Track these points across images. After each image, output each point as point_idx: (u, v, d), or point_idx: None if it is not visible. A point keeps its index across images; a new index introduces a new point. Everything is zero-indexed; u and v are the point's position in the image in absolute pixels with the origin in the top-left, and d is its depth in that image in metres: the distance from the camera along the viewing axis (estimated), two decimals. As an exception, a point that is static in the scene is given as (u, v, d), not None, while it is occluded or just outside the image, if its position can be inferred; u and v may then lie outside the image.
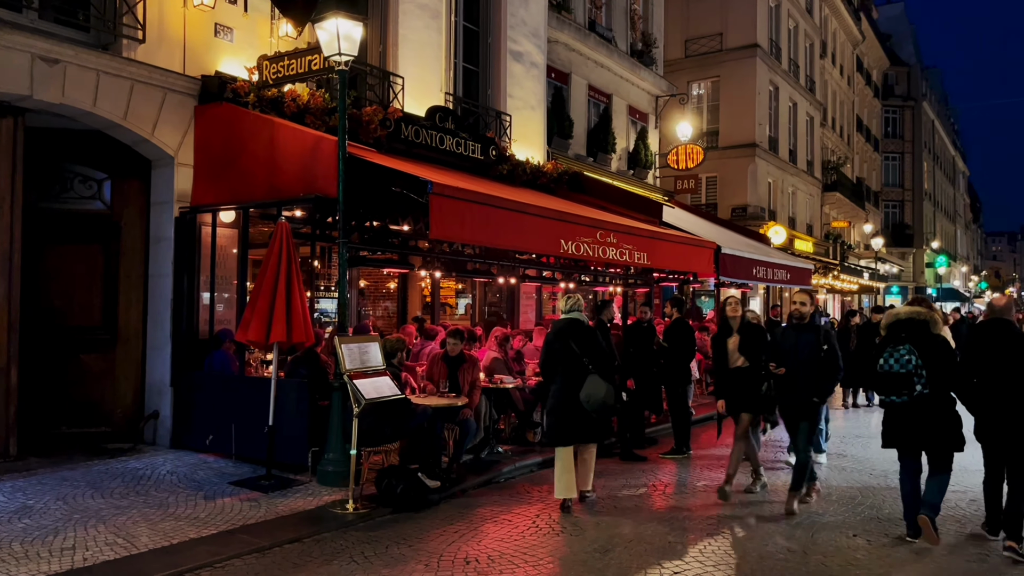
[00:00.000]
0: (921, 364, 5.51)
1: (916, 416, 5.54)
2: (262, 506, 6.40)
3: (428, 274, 11.05)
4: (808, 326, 6.58)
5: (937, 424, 5.53)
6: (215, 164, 8.33)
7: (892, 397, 5.62)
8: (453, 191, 7.13)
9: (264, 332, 6.78)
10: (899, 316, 5.84)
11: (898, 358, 5.60)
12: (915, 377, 5.50)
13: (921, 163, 50.63)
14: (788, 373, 6.52)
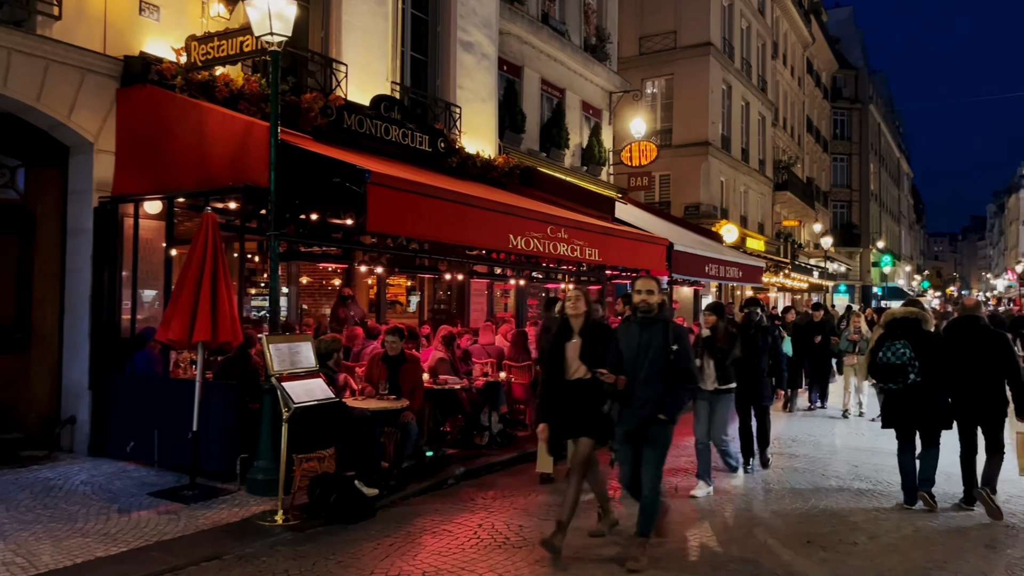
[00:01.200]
0: (914, 356, 6.36)
1: (910, 400, 6.45)
2: (181, 519, 5.92)
3: (369, 270, 10.59)
4: (654, 320, 5.17)
5: (928, 407, 6.45)
6: (139, 151, 7.78)
7: (890, 384, 6.48)
8: (393, 181, 6.73)
9: (187, 331, 6.29)
10: (895, 315, 6.75)
11: (895, 351, 6.44)
12: (909, 367, 6.36)
13: (868, 164, 51.67)
14: (629, 383, 5.07)
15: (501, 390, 9.05)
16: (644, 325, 5.19)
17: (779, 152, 34.31)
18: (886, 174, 60.66)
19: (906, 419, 6.56)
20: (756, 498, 7.09)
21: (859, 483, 7.64)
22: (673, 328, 5.25)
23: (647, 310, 5.21)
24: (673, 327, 5.26)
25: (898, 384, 6.41)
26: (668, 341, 5.13)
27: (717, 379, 7.11)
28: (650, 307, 5.21)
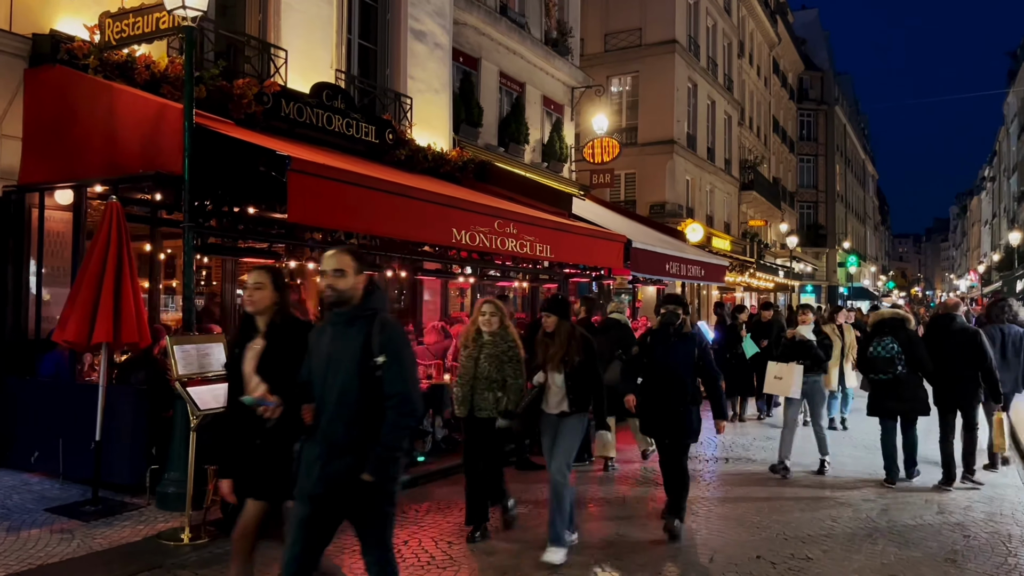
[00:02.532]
0: (900, 351, 7.32)
1: (896, 389, 7.37)
2: (75, 539, 5.36)
3: (314, 268, 10.02)
4: (353, 318, 3.37)
5: (911, 395, 7.39)
6: (48, 137, 7.17)
7: (880, 375, 7.41)
8: (318, 169, 6.21)
9: (86, 331, 5.73)
10: (883, 316, 7.78)
11: (884, 346, 7.39)
12: (896, 360, 7.31)
13: (834, 165, 52.05)
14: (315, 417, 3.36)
15: (446, 392, 8.55)
16: (338, 326, 3.36)
17: (745, 152, 34.24)
18: (852, 175, 61.20)
19: (891, 406, 7.49)
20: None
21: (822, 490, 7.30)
22: (382, 328, 3.30)
23: (336, 301, 3.33)
24: (383, 327, 3.31)
25: (887, 375, 7.36)
26: (369, 351, 3.25)
27: (568, 400, 5.31)
28: (340, 296, 3.32)
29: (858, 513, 6.54)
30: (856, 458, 8.88)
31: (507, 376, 5.50)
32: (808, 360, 7.88)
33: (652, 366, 5.89)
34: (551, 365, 5.34)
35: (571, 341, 5.33)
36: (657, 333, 5.98)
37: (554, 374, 5.35)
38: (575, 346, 5.31)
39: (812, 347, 7.90)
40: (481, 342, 5.57)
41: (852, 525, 6.18)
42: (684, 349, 5.82)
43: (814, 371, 7.96)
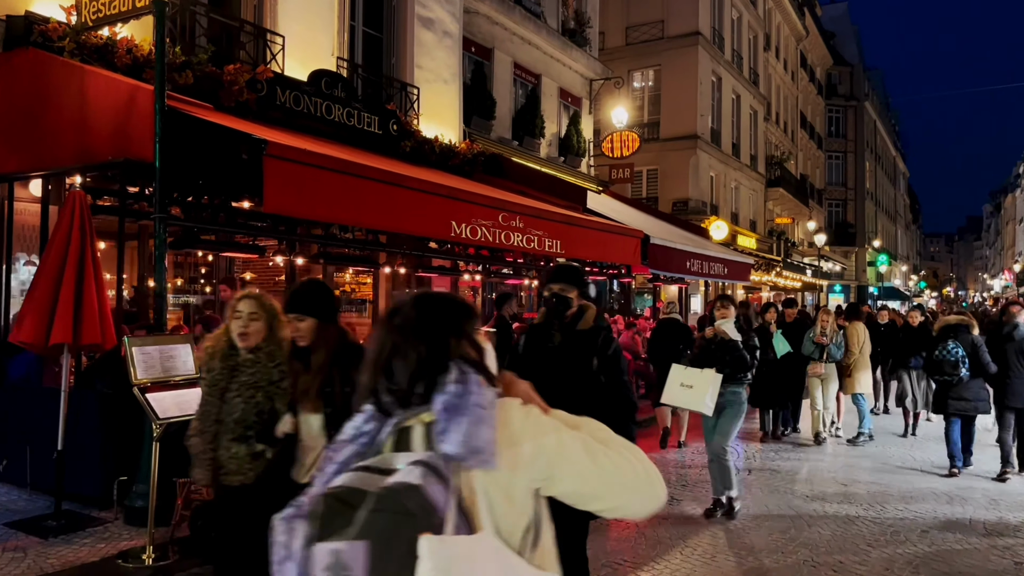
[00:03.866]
0: (964, 355, 7.69)
1: (959, 390, 7.81)
2: (28, 558, 4.89)
3: (305, 262, 9.54)
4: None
5: (974, 396, 7.82)
6: (20, 124, 6.73)
7: (945, 377, 7.82)
8: (297, 154, 5.70)
9: (43, 331, 5.25)
10: (949, 322, 8.27)
11: (949, 351, 7.75)
12: (961, 363, 7.68)
13: (864, 163, 50.75)
14: None
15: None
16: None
17: (772, 148, 33.35)
18: (882, 173, 59.77)
19: (956, 405, 7.87)
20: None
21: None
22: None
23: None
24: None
25: (952, 377, 7.73)
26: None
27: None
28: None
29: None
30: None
31: (278, 417, 3.30)
32: (729, 366, 6.19)
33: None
34: (303, 403, 3.15)
35: (336, 361, 3.08)
36: (536, 332, 3.75)
37: (308, 417, 3.14)
38: (342, 369, 3.06)
39: (736, 348, 6.22)
40: (234, 362, 3.37)
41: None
42: (574, 356, 3.60)
43: (735, 380, 6.24)
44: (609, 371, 3.59)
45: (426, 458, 1.37)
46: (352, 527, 1.29)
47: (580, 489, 1.52)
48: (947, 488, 7.40)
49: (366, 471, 1.39)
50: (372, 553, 1.26)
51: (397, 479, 1.33)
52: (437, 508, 1.30)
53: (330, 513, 1.32)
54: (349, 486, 1.35)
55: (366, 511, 1.30)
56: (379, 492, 1.31)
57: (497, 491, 1.43)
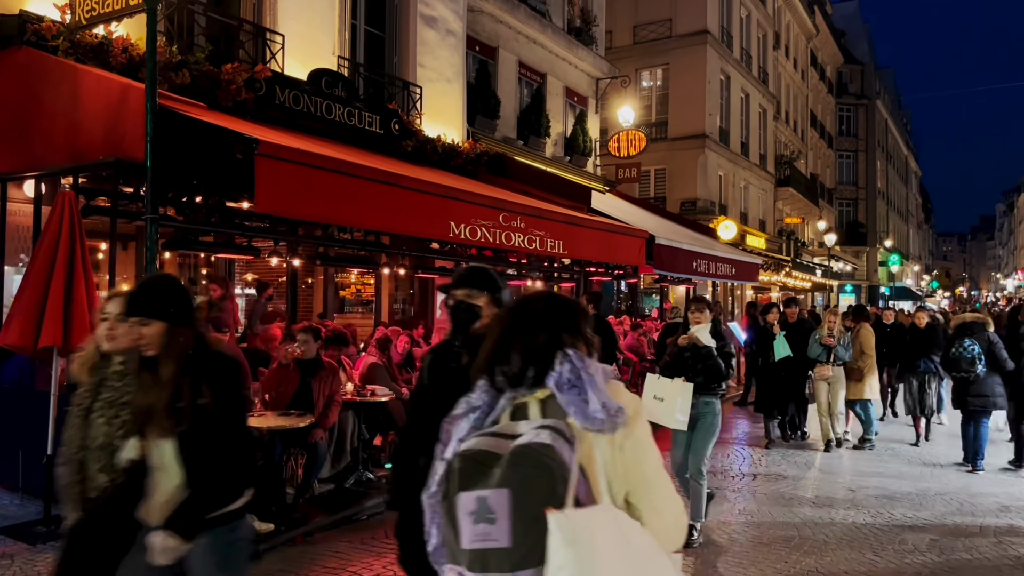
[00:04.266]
0: (980, 352, 7.86)
1: (976, 386, 7.98)
2: (15, 565, 4.82)
3: (302, 263, 9.45)
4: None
5: (990, 392, 8.00)
6: (13, 124, 6.65)
7: (962, 374, 7.99)
8: (290, 153, 5.59)
9: (31, 334, 5.18)
10: (965, 320, 8.36)
11: (966, 348, 7.91)
12: (977, 360, 7.85)
13: (875, 162, 50.34)
14: None
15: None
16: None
17: (781, 147, 33.08)
18: (894, 172, 59.26)
19: (973, 401, 8.06)
20: (731, 534, 5.91)
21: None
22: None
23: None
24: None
25: (969, 373, 7.91)
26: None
27: (184, 508, 2.72)
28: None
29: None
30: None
31: None
32: (702, 375, 5.63)
33: (419, 422, 2.80)
34: (150, 424, 2.60)
35: (188, 371, 2.58)
36: (439, 353, 2.98)
37: (157, 442, 2.59)
38: (194, 380, 2.56)
39: (709, 356, 5.61)
40: (102, 375, 2.87)
41: (897, 558, 5.38)
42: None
43: (708, 390, 5.67)
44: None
45: (552, 424, 1.65)
46: (493, 479, 1.56)
47: (641, 484, 1.76)
48: (956, 494, 7.23)
49: (492, 436, 1.67)
50: (514, 499, 1.53)
51: (527, 440, 1.60)
52: (566, 463, 1.58)
53: (468, 469, 1.60)
54: (480, 448, 1.64)
55: (505, 465, 1.56)
56: (513, 450, 1.59)
57: (608, 454, 1.71)
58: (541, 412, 1.74)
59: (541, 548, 1.52)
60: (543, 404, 1.75)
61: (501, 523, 1.54)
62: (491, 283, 2.82)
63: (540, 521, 1.52)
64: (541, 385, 1.75)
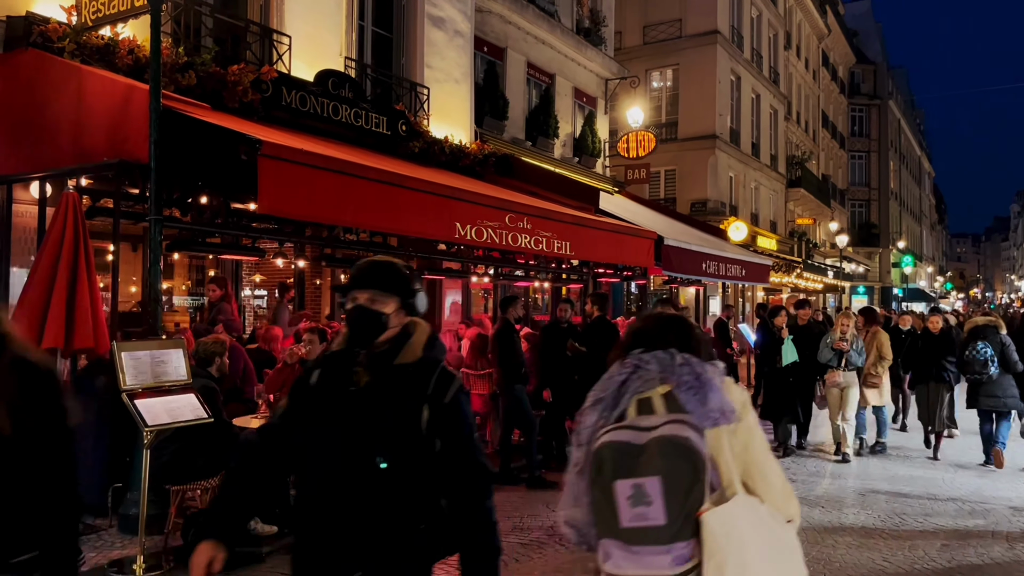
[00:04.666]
0: (993, 354, 8.03)
1: (989, 387, 8.15)
2: (16, 568, 4.79)
3: (307, 264, 9.46)
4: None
5: (1003, 393, 8.15)
6: (19, 124, 6.67)
7: (975, 376, 8.18)
8: (293, 154, 5.58)
9: (34, 335, 5.16)
10: (978, 323, 8.50)
11: (979, 350, 8.07)
12: (990, 362, 8.01)
13: (888, 162, 49.98)
14: None
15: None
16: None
17: (793, 147, 32.89)
18: (907, 172, 58.84)
19: (986, 402, 8.23)
20: None
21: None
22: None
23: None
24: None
25: (982, 375, 8.08)
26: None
27: None
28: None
29: (914, 548, 5.64)
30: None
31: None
32: None
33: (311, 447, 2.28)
34: None
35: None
36: (331, 364, 2.34)
37: None
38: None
39: None
40: None
41: (907, 564, 5.29)
42: (389, 406, 2.20)
43: None
44: (448, 431, 2.18)
45: (682, 418, 1.95)
46: (644, 468, 1.89)
47: (752, 464, 2.05)
48: (968, 499, 7.13)
49: (629, 429, 1.99)
50: (665, 485, 1.87)
51: (665, 432, 1.93)
52: (702, 454, 1.90)
53: (619, 459, 1.92)
54: (624, 440, 1.97)
55: (654, 456, 1.89)
56: (660, 441, 1.91)
57: (725, 441, 2.00)
58: (665, 407, 2.03)
59: (691, 524, 1.89)
60: (665, 399, 2.04)
61: (656, 505, 1.88)
62: (402, 285, 2.27)
63: (688, 502, 1.89)
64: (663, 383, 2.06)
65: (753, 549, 1.90)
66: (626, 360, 2.16)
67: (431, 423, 2.17)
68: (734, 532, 1.87)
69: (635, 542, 1.90)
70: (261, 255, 7.93)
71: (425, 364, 2.24)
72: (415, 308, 2.31)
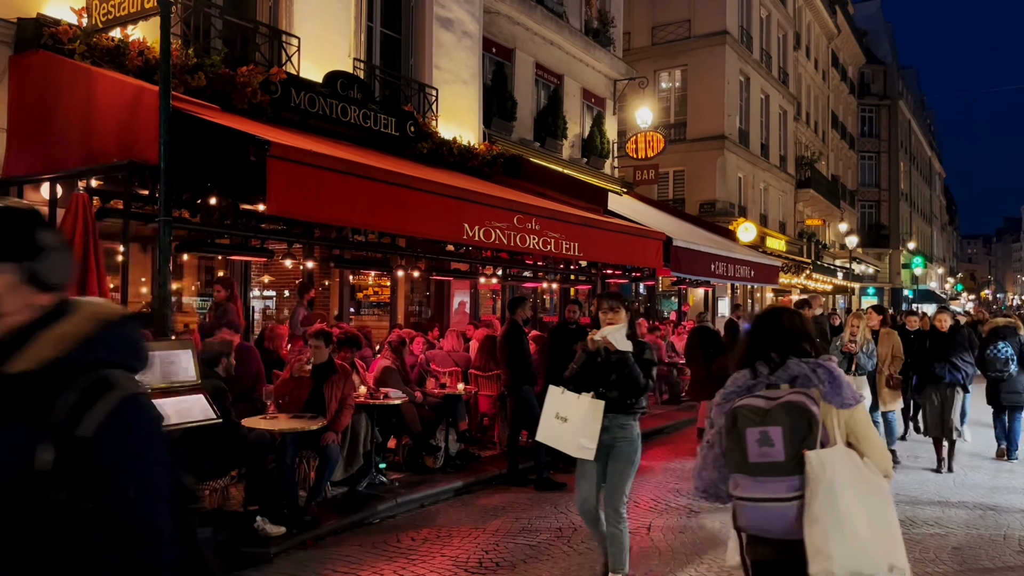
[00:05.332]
0: (1012, 353, 8.34)
1: (1009, 384, 8.44)
2: None
3: (316, 265, 9.46)
4: None
5: (1021, 388, 8.46)
6: (31, 127, 6.71)
7: (996, 373, 8.44)
8: (301, 155, 5.59)
9: (45, 335, 5.18)
10: (998, 324, 8.79)
11: (999, 350, 8.37)
12: (1010, 361, 8.33)
13: (898, 163, 49.72)
14: None
15: (461, 404, 7.88)
16: None
17: (802, 148, 32.76)
18: (917, 173, 58.51)
19: (1005, 398, 8.53)
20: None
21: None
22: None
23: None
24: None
25: (1002, 373, 8.38)
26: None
27: None
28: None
29: (925, 552, 5.59)
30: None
31: None
32: (616, 388, 4.46)
33: None
34: None
35: None
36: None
37: None
38: None
39: (625, 364, 4.42)
40: None
41: (918, 567, 5.25)
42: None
43: (624, 407, 4.50)
44: (89, 481, 1.39)
45: (803, 391, 2.65)
46: (770, 420, 2.59)
47: (858, 432, 2.72)
48: (980, 502, 7.07)
49: (758, 398, 2.69)
50: (786, 434, 2.57)
51: (789, 399, 2.63)
52: (816, 415, 2.59)
53: (749, 415, 2.63)
54: (754, 404, 2.66)
55: (779, 412, 2.60)
56: (782, 404, 2.61)
57: (837, 414, 2.68)
58: (790, 387, 2.71)
59: (802, 462, 2.55)
60: (791, 384, 2.73)
61: (778, 447, 2.58)
62: (14, 242, 1.48)
63: (802, 448, 2.57)
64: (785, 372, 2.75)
65: (842, 481, 2.51)
66: (757, 370, 2.81)
67: (57, 470, 1.36)
68: (828, 466, 2.51)
69: (759, 474, 2.60)
70: (270, 256, 7.94)
71: (59, 372, 1.42)
72: (42, 276, 1.48)
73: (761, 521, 2.63)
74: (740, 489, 2.65)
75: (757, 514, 2.63)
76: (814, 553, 2.49)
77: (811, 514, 2.51)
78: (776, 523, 2.59)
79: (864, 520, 2.53)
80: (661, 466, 8.43)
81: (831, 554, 2.47)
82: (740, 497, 2.66)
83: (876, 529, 2.56)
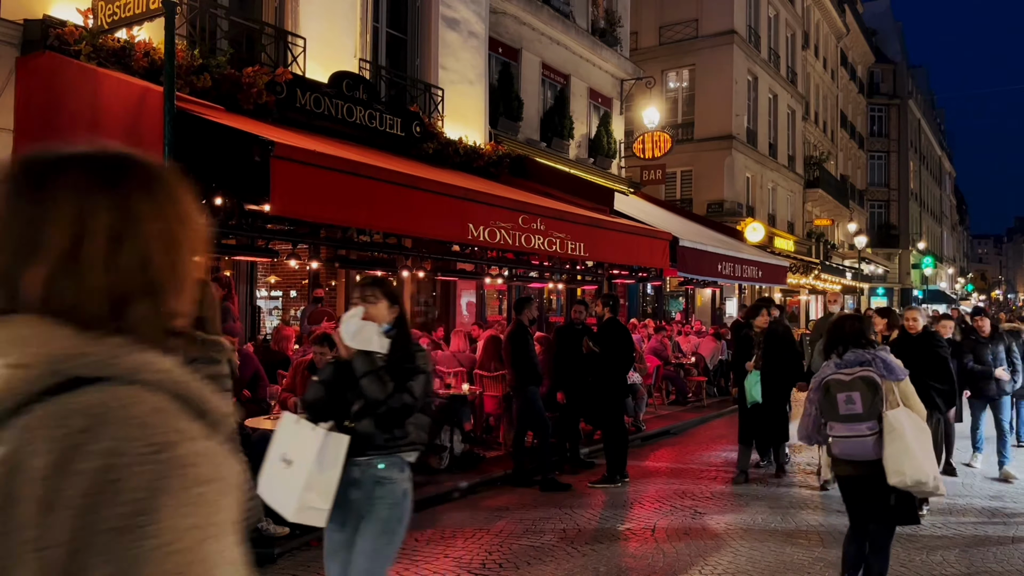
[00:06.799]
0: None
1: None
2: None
3: (321, 265, 9.46)
4: None
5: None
6: (37, 128, 6.73)
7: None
8: (305, 155, 5.59)
9: (49, 336, 5.20)
10: (1005, 329, 8.96)
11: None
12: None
13: (907, 162, 49.44)
14: None
15: (466, 404, 7.87)
16: None
17: (810, 148, 32.62)
18: (927, 173, 58.20)
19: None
20: None
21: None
22: None
23: None
24: None
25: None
26: None
27: None
28: None
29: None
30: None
31: None
32: (369, 415, 3.22)
33: None
34: None
35: None
36: None
37: None
38: None
39: (376, 376, 3.10)
40: None
41: (925, 570, 5.20)
42: None
43: (386, 447, 3.21)
44: None
45: (869, 369, 4.12)
46: (852, 387, 4.12)
47: (906, 396, 4.17)
48: (987, 504, 7.01)
49: (840, 374, 4.17)
50: (862, 396, 4.10)
51: (861, 374, 4.13)
52: (880, 385, 4.08)
53: (837, 385, 4.16)
54: (838, 378, 4.17)
55: (856, 382, 4.11)
56: (858, 377, 4.12)
57: (896, 387, 4.13)
58: (859, 366, 4.15)
59: (875, 414, 4.04)
60: (860, 366, 4.16)
61: (857, 404, 4.08)
62: None
63: (872, 404, 4.06)
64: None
65: (906, 428, 3.97)
66: (832, 359, 4.28)
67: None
68: (898, 419, 4.00)
69: (846, 420, 4.11)
70: (275, 256, 7.94)
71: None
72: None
73: (849, 448, 4.13)
74: (835, 431, 4.19)
75: (848, 445, 4.13)
76: (892, 471, 3.95)
77: (891, 449, 3.97)
78: (858, 449, 4.08)
79: (919, 452, 3.98)
80: (667, 467, 8.40)
81: (904, 471, 3.94)
82: (836, 436, 4.19)
83: (925, 456, 4.02)
